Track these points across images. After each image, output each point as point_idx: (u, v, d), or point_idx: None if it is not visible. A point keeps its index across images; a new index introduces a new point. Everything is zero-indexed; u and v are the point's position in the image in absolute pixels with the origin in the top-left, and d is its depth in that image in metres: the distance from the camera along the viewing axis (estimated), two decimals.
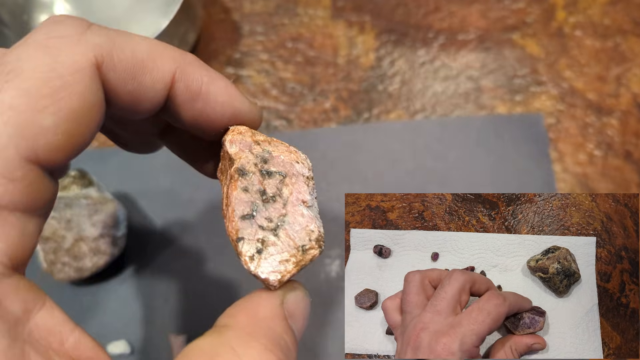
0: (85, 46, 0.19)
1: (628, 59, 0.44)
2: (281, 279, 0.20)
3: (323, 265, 0.40)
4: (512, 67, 0.45)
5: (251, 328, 0.19)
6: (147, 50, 0.20)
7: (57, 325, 0.18)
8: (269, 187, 0.21)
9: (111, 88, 0.20)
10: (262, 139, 0.22)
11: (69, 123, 0.18)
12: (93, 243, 0.38)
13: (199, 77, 0.22)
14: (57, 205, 0.37)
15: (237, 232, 0.20)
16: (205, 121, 0.22)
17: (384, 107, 0.44)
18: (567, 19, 0.46)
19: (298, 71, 0.45)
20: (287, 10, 0.48)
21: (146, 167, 0.43)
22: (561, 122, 0.43)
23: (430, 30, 0.46)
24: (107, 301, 0.40)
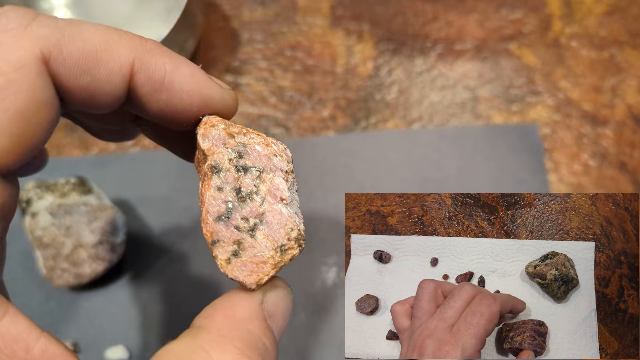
0: (30, 39, 0.17)
1: (623, 70, 0.45)
2: (259, 281, 0.20)
3: (320, 273, 0.40)
4: (509, 77, 0.45)
5: (227, 330, 0.19)
6: (101, 40, 0.19)
7: (21, 332, 0.17)
8: (245, 184, 0.20)
9: (62, 83, 0.19)
10: (236, 131, 0.21)
11: (17, 124, 0.17)
12: (92, 249, 0.39)
13: (161, 65, 0.20)
14: (57, 212, 0.38)
15: (211, 235, 0.19)
16: (172, 112, 0.21)
17: (381, 115, 0.44)
18: (564, 30, 0.47)
19: (296, 79, 0.46)
20: (286, 18, 0.48)
21: (145, 173, 0.44)
22: (556, 132, 0.43)
23: (428, 40, 0.47)
24: (105, 307, 0.40)
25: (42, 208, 0.38)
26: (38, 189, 0.38)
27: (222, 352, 0.18)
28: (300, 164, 0.43)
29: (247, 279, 0.19)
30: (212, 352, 0.18)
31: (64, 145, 0.45)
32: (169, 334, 0.40)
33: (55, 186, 0.38)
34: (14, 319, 0.17)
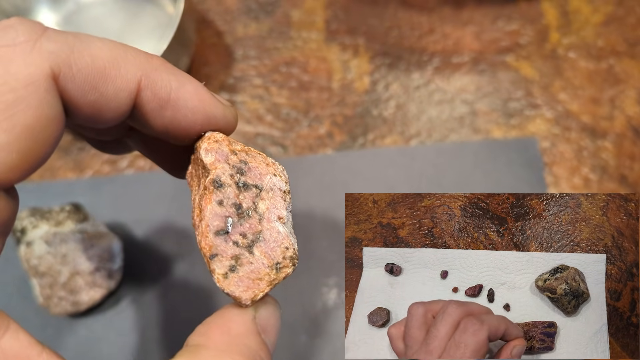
0: (40, 55, 0.17)
1: (622, 81, 0.45)
2: (254, 297, 0.20)
3: (320, 294, 0.40)
4: (507, 90, 0.45)
5: (226, 345, 0.19)
6: (109, 56, 0.19)
7: (23, 348, 0.17)
8: (244, 201, 0.20)
9: (70, 99, 0.19)
10: (239, 149, 0.21)
11: (24, 140, 0.17)
12: (89, 277, 0.38)
13: (167, 82, 0.20)
14: (52, 240, 0.37)
15: (210, 249, 0.20)
16: (176, 129, 0.21)
17: (379, 132, 0.44)
18: (561, 41, 0.46)
19: (292, 96, 0.45)
20: (280, 33, 0.47)
21: (141, 195, 0.43)
22: (556, 145, 0.43)
23: (425, 53, 0.46)
24: (104, 333, 0.40)
25: (37, 237, 0.37)
26: (32, 217, 0.37)
27: None
28: (299, 183, 0.42)
29: (243, 294, 0.20)
30: None
31: (58, 168, 0.44)
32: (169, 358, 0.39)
33: (50, 214, 0.38)
34: (16, 336, 0.17)
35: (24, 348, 0.17)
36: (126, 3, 0.47)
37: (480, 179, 0.42)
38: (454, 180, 0.42)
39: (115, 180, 0.43)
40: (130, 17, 0.47)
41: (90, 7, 0.48)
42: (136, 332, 0.40)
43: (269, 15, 0.48)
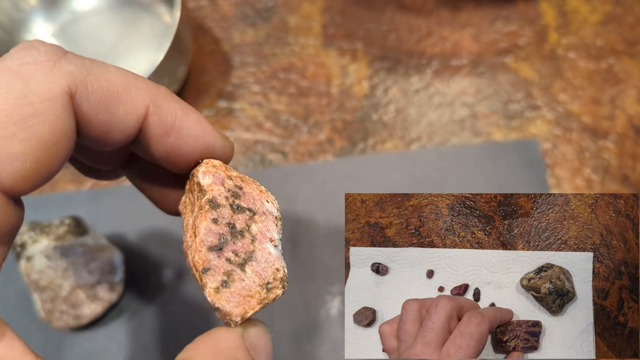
0: (59, 74, 0.18)
1: (622, 80, 0.44)
2: (244, 314, 0.20)
3: (324, 302, 0.40)
4: (507, 92, 0.44)
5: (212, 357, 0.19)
6: (122, 81, 0.20)
7: (17, 357, 0.17)
8: (238, 222, 0.21)
9: (83, 118, 0.19)
10: (234, 175, 0.22)
11: (39, 151, 0.18)
12: (90, 290, 0.38)
13: (173, 110, 0.21)
14: (52, 254, 0.37)
15: (203, 263, 0.20)
16: (177, 155, 0.22)
17: (379, 137, 0.44)
18: (560, 41, 0.46)
19: (291, 102, 0.45)
20: (277, 39, 0.47)
21: (140, 207, 0.42)
22: (557, 147, 0.43)
23: (423, 57, 0.46)
24: (106, 347, 0.39)
25: (37, 251, 0.37)
26: (32, 232, 0.37)
27: None
28: (300, 190, 0.42)
29: (234, 309, 0.20)
30: None
31: (57, 180, 0.44)
32: None
33: (50, 228, 0.37)
34: (11, 344, 0.18)
35: (18, 356, 0.18)
36: (122, 12, 0.47)
37: (482, 182, 0.42)
38: (455, 184, 0.42)
39: (115, 192, 0.43)
40: (126, 27, 0.46)
41: (86, 17, 0.47)
42: (139, 344, 0.40)
43: (266, 22, 0.48)
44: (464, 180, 0.42)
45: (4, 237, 0.18)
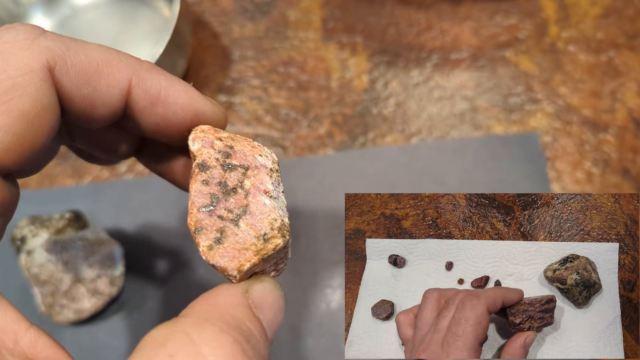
0: (38, 49, 0.19)
1: (622, 73, 0.44)
2: (240, 267, 0.20)
3: (324, 295, 0.40)
4: (507, 86, 0.44)
5: (208, 314, 0.19)
6: (102, 56, 0.20)
7: (10, 324, 0.18)
8: (230, 180, 0.21)
9: (65, 92, 0.20)
10: (225, 136, 0.22)
11: (20, 124, 0.18)
12: (91, 284, 0.38)
13: (157, 81, 0.21)
14: (52, 248, 0.37)
15: (195, 223, 0.20)
16: (167, 126, 0.22)
17: (379, 130, 0.44)
18: (560, 34, 0.46)
19: (291, 96, 0.45)
20: (277, 33, 0.47)
21: (141, 200, 0.43)
22: (558, 140, 0.43)
23: (423, 50, 0.46)
24: (108, 340, 0.39)
25: (37, 245, 0.37)
26: (32, 225, 0.37)
27: (201, 331, 0.18)
28: (300, 184, 0.42)
29: (229, 264, 0.20)
30: (191, 333, 0.17)
31: (57, 175, 0.44)
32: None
33: (50, 222, 0.37)
34: (3, 311, 0.18)
35: (11, 323, 0.18)
36: (121, 7, 0.47)
37: (483, 175, 0.42)
38: (456, 178, 0.42)
39: (115, 186, 0.43)
40: (125, 21, 0.46)
41: (85, 11, 0.47)
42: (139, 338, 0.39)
43: (265, 16, 0.47)
44: (464, 174, 0.42)
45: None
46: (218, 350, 0.17)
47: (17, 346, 0.17)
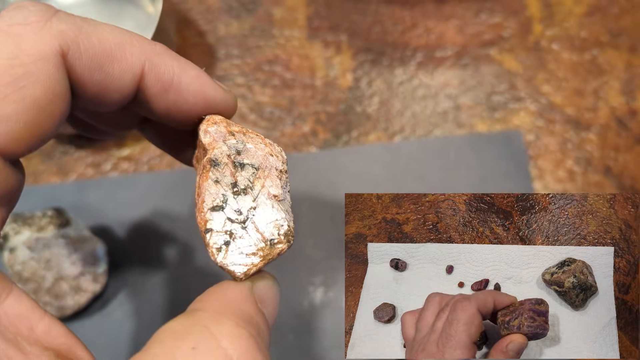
0: (50, 34, 0.18)
1: (605, 72, 0.44)
2: (247, 271, 0.21)
3: (307, 293, 0.40)
4: (490, 84, 0.45)
5: (222, 308, 0.19)
6: (116, 40, 0.20)
7: (25, 311, 0.18)
8: (240, 179, 0.21)
9: (77, 77, 0.19)
10: (237, 130, 0.22)
11: (32, 112, 0.18)
12: (74, 281, 0.38)
13: (170, 68, 0.21)
14: (35, 246, 0.37)
15: (205, 224, 0.20)
16: (178, 112, 0.22)
17: (363, 128, 0.44)
18: (544, 32, 0.46)
19: (276, 95, 0.45)
20: (262, 31, 0.47)
21: (125, 198, 0.43)
22: (540, 138, 0.43)
23: (408, 48, 0.46)
24: (92, 337, 0.40)
25: (19, 243, 0.37)
26: (14, 223, 0.37)
27: (220, 325, 0.18)
28: None
29: (236, 268, 0.20)
30: (210, 326, 0.18)
31: (41, 172, 0.44)
32: None
33: (32, 219, 0.37)
34: (18, 299, 0.18)
35: (26, 311, 0.18)
36: (105, 4, 0.47)
37: (465, 173, 0.42)
38: (438, 176, 0.42)
39: (99, 184, 0.43)
40: (109, 18, 0.46)
41: (69, 9, 0.47)
42: (124, 334, 0.40)
43: (251, 14, 0.47)
44: (447, 172, 0.42)
45: (3, 199, 0.19)
46: (236, 344, 0.18)
47: (32, 333, 0.18)
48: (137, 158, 0.44)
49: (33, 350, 0.17)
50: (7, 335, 0.17)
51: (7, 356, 0.17)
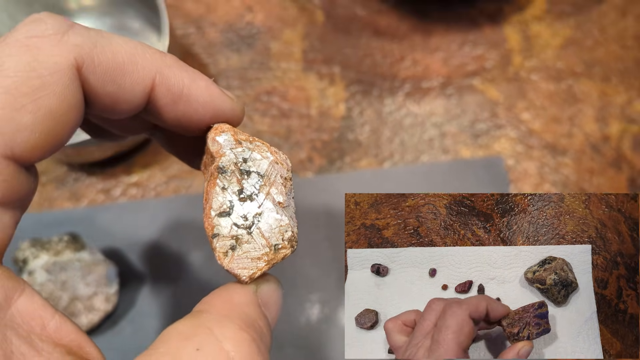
0: (66, 47, 0.19)
1: (580, 100, 0.48)
2: (252, 275, 0.22)
3: (304, 310, 0.43)
4: (474, 112, 0.48)
5: (226, 311, 0.20)
6: (128, 53, 0.21)
7: (37, 310, 0.18)
8: (246, 186, 0.22)
9: (90, 89, 0.20)
10: (243, 138, 0.23)
11: (47, 122, 0.18)
12: (87, 301, 0.41)
13: (180, 79, 0.22)
14: (52, 269, 0.40)
15: (212, 229, 0.21)
16: (187, 121, 0.23)
17: (355, 155, 0.47)
18: (523, 64, 0.49)
19: (274, 124, 0.48)
20: (261, 64, 0.50)
21: (134, 222, 0.46)
22: (520, 163, 0.46)
23: (396, 80, 0.49)
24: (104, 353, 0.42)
25: (38, 266, 0.40)
26: (33, 248, 0.40)
27: (223, 327, 0.19)
28: None
29: (242, 272, 0.21)
30: (214, 329, 0.19)
31: (55, 198, 0.47)
32: None
33: (49, 244, 0.40)
34: (31, 298, 0.18)
35: (38, 310, 0.18)
36: None
37: None
38: None
39: (110, 209, 0.46)
40: None
41: None
42: (134, 351, 0.43)
43: (250, 48, 0.51)
44: None
45: (16, 202, 0.19)
46: (239, 347, 0.19)
47: (44, 331, 0.18)
48: (145, 184, 0.47)
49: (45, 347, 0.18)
50: (20, 332, 0.17)
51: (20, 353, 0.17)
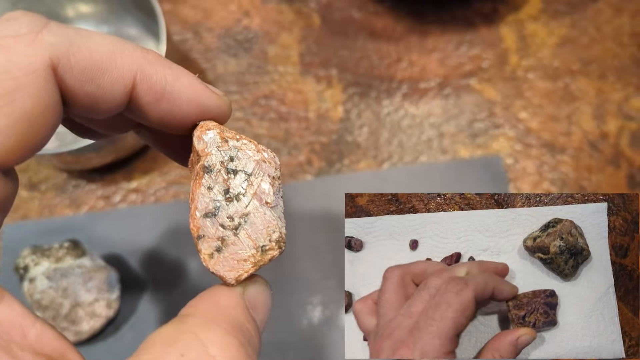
0: (41, 46, 0.18)
1: (577, 98, 0.48)
2: (238, 277, 0.21)
3: (305, 312, 0.43)
4: (472, 112, 0.48)
5: (213, 315, 0.19)
6: (107, 50, 0.20)
7: (17, 318, 0.18)
8: (233, 185, 0.21)
9: (68, 89, 0.20)
10: (230, 136, 0.22)
11: (23, 125, 0.18)
12: (89, 307, 0.41)
13: (162, 76, 0.21)
14: (53, 276, 0.40)
15: (197, 230, 0.21)
16: (171, 120, 0.22)
17: (354, 157, 0.47)
18: (520, 63, 0.50)
19: (272, 127, 0.48)
20: (258, 68, 0.51)
21: (135, 227, 0.46)
22: (519, 161, 0.46)
23: (394, 81, 0.49)
24: (106, 359, 0.43)
25: (39, 273, 0.40)
26: (34, 255, 0.40)
27: (209, 332, 0.18)
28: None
29: (228, 274, 0.21)
30: (199, 333, 0.18)
31: (55, 205, 0.47)
32: None
33: (50, 251, 0.40)
34: (10, 306, 0.18)
35: (18, 318, 0.18)
36: None
37: None
38: None
39: (110, 215, 0.46)
40: None
41: None
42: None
43: (247, 52, 0.51)
44: None
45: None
46: (225, 352, 0.18)
47: (25, 340, 0.18)
48: (144, 190, 0.47)
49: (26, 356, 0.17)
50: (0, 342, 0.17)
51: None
